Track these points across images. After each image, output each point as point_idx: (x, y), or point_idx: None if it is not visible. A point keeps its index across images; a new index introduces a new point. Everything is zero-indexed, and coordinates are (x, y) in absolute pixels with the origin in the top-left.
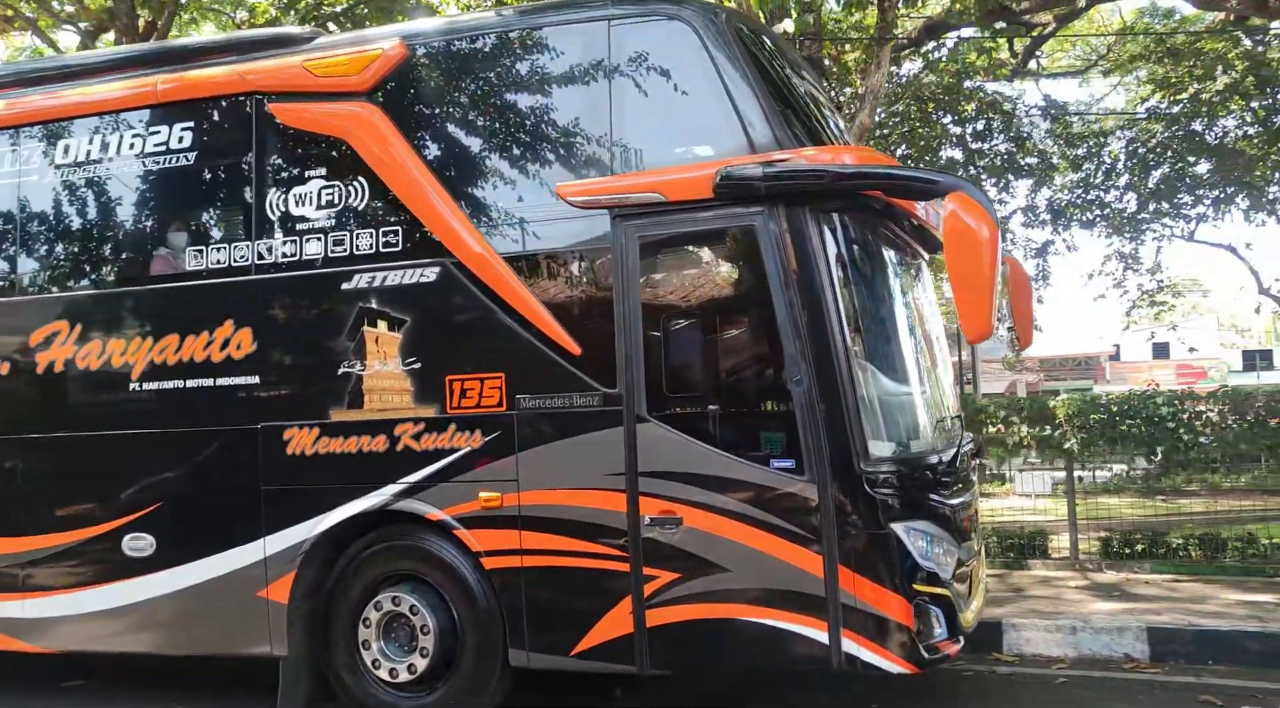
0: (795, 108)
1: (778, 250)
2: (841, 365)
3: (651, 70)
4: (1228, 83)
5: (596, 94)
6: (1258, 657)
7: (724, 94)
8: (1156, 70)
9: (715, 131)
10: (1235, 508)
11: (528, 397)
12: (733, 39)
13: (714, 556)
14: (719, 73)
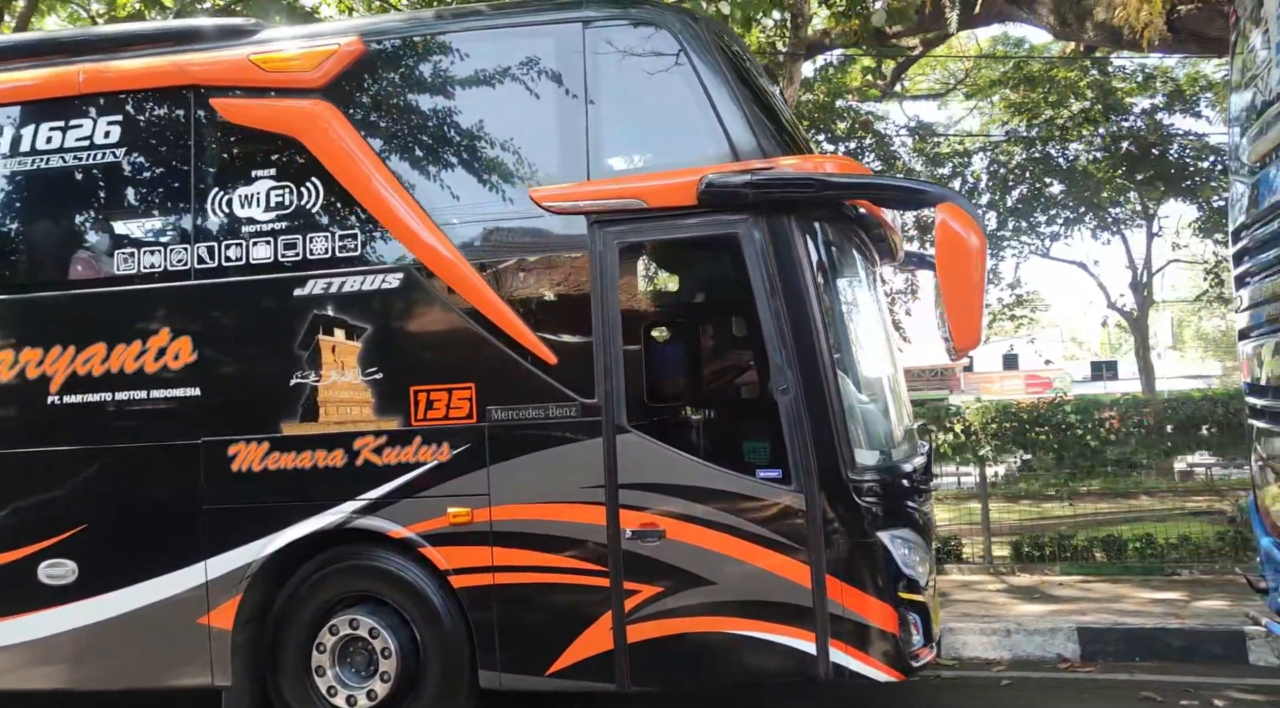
0: (771, 115)
1: (763, 259)
2: (828, 374)
3: (630, 75)
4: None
5: (571, 97)
6: (1180, 652)
7: (706, 100)
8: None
9: (697, 138)
10: (1135, 509)
11: (500, 408)
12: (712, 44)
13: (698, 568)
14: (700, 79)
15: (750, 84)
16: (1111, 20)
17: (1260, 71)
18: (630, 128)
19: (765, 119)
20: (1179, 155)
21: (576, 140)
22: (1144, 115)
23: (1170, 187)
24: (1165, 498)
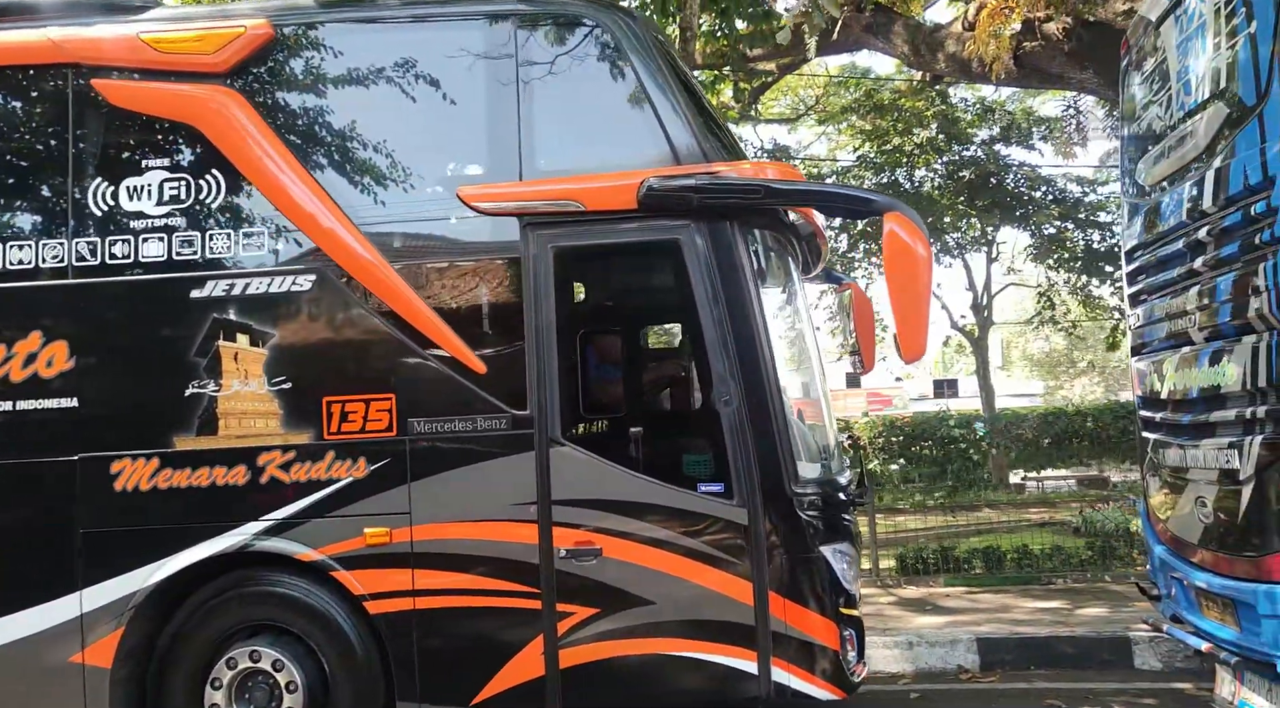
0: (709, 119)
1: (705, 266)
2: (771, 385)
3: (566, 73)
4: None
5: (502, 94)
6: (1072, 659)
7: (646, 102)
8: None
9: (636, 140)
10: (978, 522)
11: (423, 420)
12: (651, 45)
13: (637, 588)
14: (640, 79)
15: (688, 87)
16: (962, 53)
17: (1157, 99)
18: (566, 128)
19: (705, 123)
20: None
21: (508, 139)
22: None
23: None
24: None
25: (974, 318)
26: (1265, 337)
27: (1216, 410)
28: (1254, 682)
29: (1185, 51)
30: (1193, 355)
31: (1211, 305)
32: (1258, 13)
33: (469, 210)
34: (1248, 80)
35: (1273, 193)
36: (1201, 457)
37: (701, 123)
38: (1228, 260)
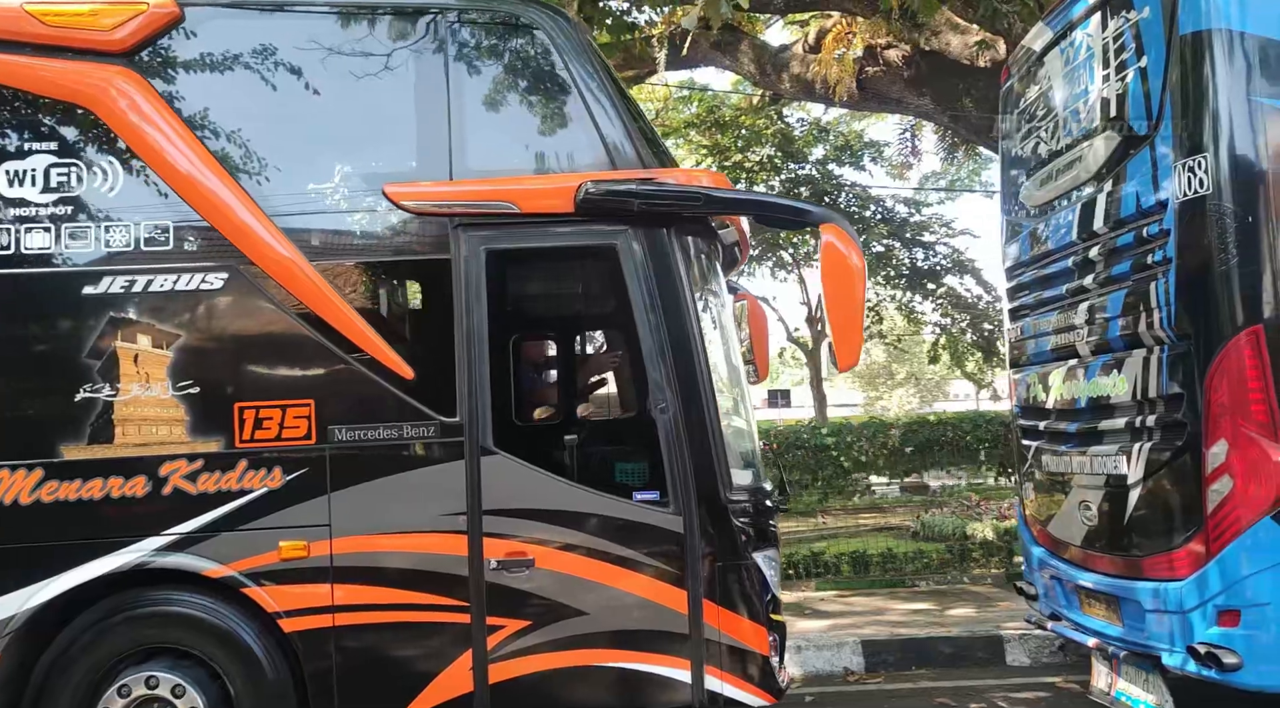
0: (643, 124)
1: (641, 272)
2: (706, 392)
3: (499, 72)
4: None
5: (433, 90)
6: (950, 658)
7: (581, 105)
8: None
9: (572, 143)
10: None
11: (345, 428)
12: (587, 48)
13: (570, 599)
14: (575, 82)
15: (622, 92)
16: (806, 75)
17: (1042, 125)
18: (499, 128)
19: (640, 128)
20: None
21: (438, 136)
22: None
23: None
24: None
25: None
26: (1156, 350)
27: (1105, 419)
28: (1131, 673)
29: (1072, 81)
30: (1081, 368)
31: (1101, 321)
32: (1148, 48)
33: (396, 208)
34: (1139, 111)
35: (1164, 216)
36: (1088, 463)
37: (637, 128)
38: (1118, 278)
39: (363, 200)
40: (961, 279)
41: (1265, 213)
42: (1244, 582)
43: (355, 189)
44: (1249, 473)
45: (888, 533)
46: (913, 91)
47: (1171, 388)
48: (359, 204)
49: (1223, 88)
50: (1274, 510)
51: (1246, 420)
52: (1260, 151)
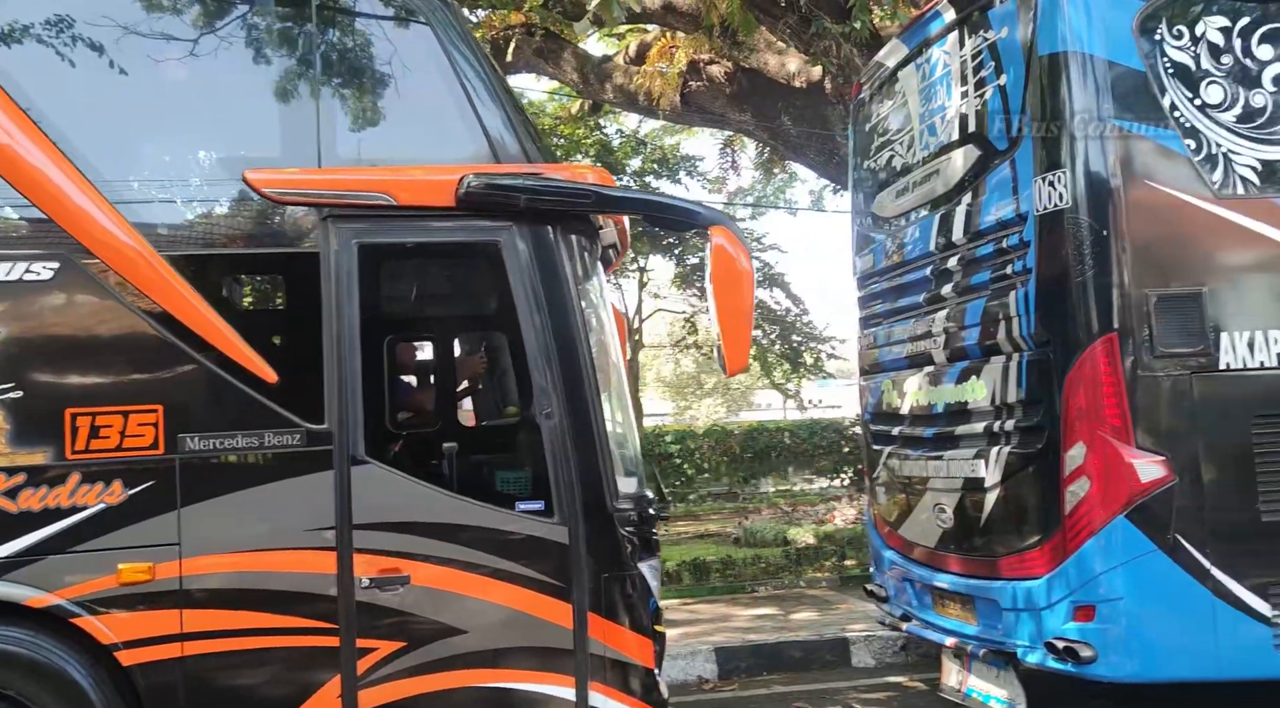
0: (526, 119)
1: (527, 271)
2: (593, 398)
3: (373, 57)
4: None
5: (299, 71)
6: (799, 662)
7: (463, 95)
8: None
9: (454, 135)
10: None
11: (198, 436)
12: (468, 36)
13: (448, 617)
14: (457, 71)
15: (504, 84)
16: (629, 86)
17: (897, 138)
18: (373, 115)
19: (524, 122)
20: None
21: (305, 121)
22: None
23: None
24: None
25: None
26: (1015, 357)
27: (962, 424)
28: (982, 670)
29: (929, 96)
30: (938, 374)
31: (959, 328)
32: (1007, 67)
33: (258, 196)
34: (999, 126)
35: (1024, 228)
36: (945, 467)
37: (523, 122)
38: (977, 288)
39: (221, 187)
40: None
41: (1116, 226)
42: (1099, 578)
43: (213, 174)
44: (1105, 474)
45: (709, 540)
46: (735, 107)
47: (1030, 393)
48: (217, 191)
49: (1078, 107)
50: (1127, 510)
51: (1102, 424)
52: (1112, 168)
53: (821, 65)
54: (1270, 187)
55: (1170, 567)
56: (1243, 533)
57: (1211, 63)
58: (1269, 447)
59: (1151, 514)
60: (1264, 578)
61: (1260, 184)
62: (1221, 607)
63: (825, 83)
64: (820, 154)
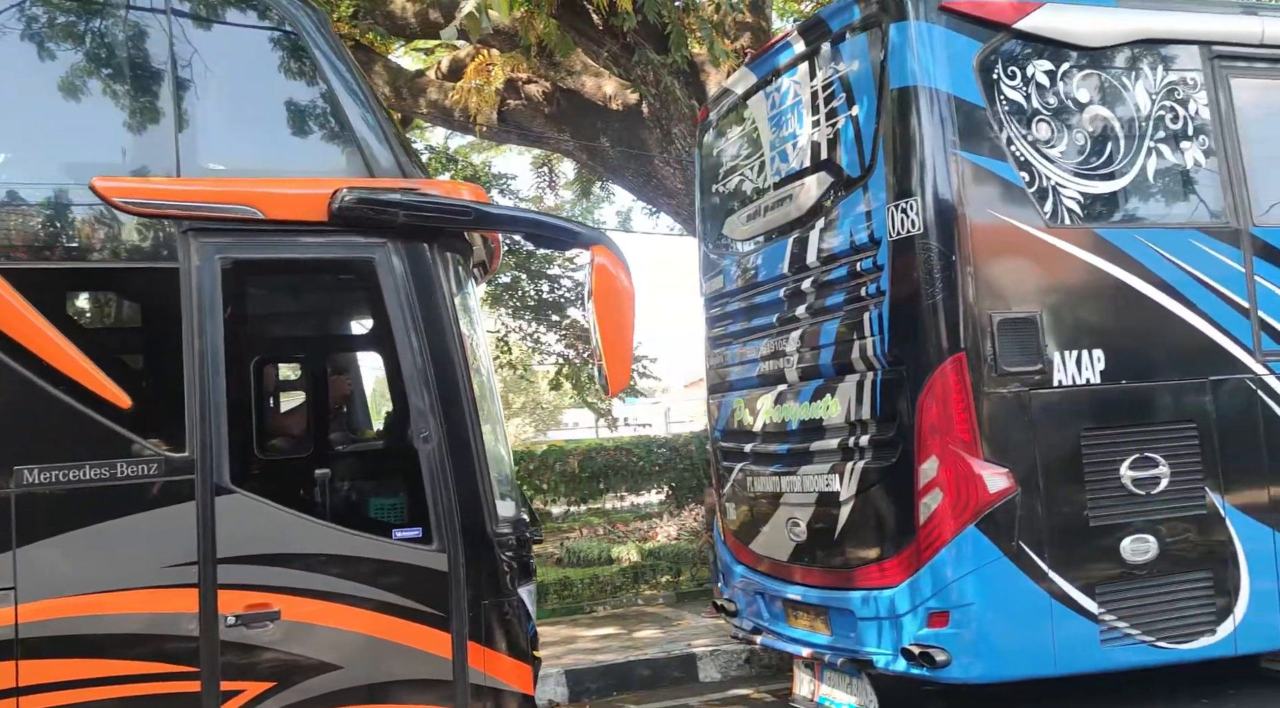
0: (400, 132)
1: (403, 290)
2: (472, 420)
3: (238, 63)
4: None
5: (154, 76)
6: (648, 680)
7: (335, 105)
8: None
9: (326, 147)
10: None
11: (38, 468)
12: (340, 45)
13: (321, 652)
14: (328, 80)
15: (376, 96)
16: (445, 101)
17: (747, 164)
18: (238, 125)
19: (398, 135)
20: None
21: (162, 128)
22: None
23: None
24: None
25: None
26: (869, 375)
27: (817, 440)
28: (834, 678)
29: (779, 124)
30: (792, 392)
31: (813, 348)
32: (859, 98)
33: (108, 207)
34: (851, 155)
35: (878, 252)
36: (799, 482)
37: (395, 134)
38: (832, 309)
39: (67, 195)
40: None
41: (962, 252)
42: (952, 585)
43: (57, 182)
44: (956, 486)
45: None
46: (553, 127)
47: (884, 410)
48: (62, 199)
49: (928, 138)
50: (977, 519)
51: (953, 439)
52: (958, 197)
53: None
54: (1092, 218)
55: (1014, 572)
56: (1074, 537)
57: (1040, 102)
58: (1096, 457)
59: (998, 523)
60: (1092, 578)
61: (1084, 216)
62: (1057, 607)
63: (643, 107)
64: (639, 176)
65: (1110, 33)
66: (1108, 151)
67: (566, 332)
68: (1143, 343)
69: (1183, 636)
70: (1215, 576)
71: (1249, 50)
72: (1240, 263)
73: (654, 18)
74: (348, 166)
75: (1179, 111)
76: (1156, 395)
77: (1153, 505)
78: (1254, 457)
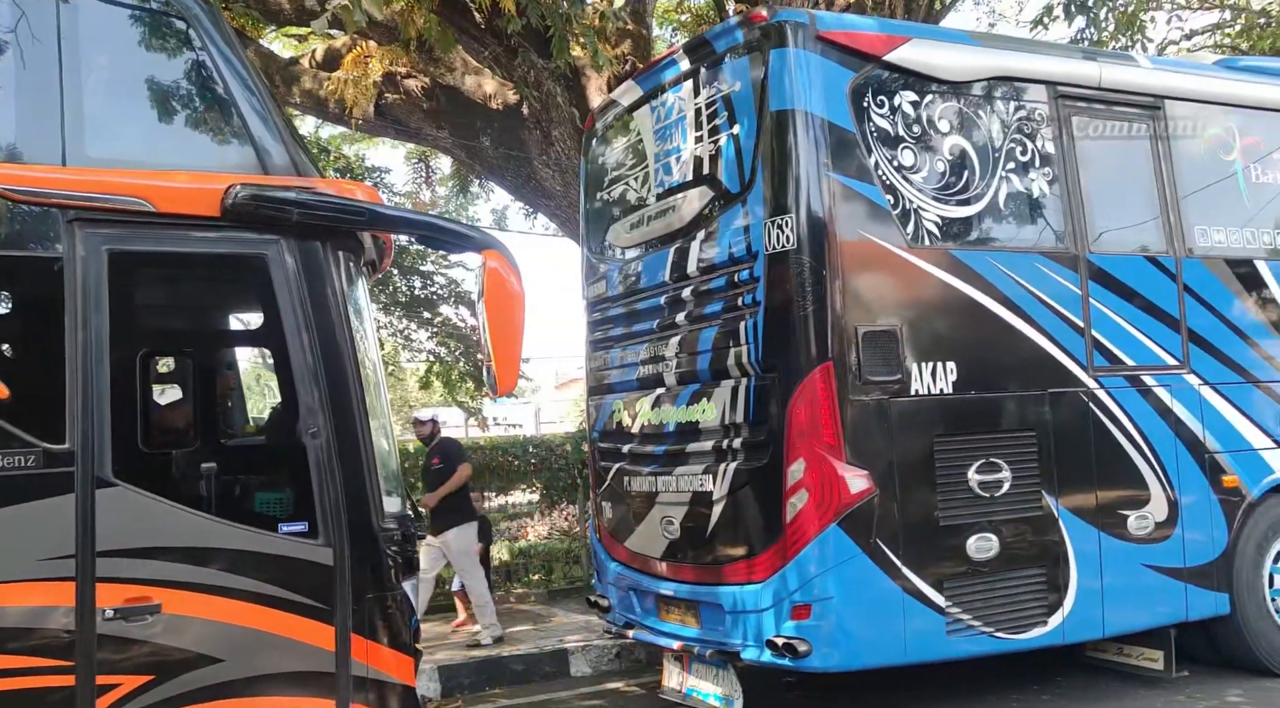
0: (294, 130)
1: (295, 287)
2: (360, 416)
3: (129, 53)
4: None
5: (39, 62)
6: (521, 675)
7: (229, 99)
8: None
9: (220, 142)
10: None
11: None
12: (235, 39)
13: (203, 645)
14: (222, 74)
15: (271, 93)
16: (320, 92)
17: (631, 174)
18: (128, 115)
19: (292, 133)
20: None
21: (47, 115)
22: None
23: None
24: None
25: None
26: (744, 381)
27: (693, 442)
28: (702, 670)
29: (664, 137)
30: (670, 395)
31: (691, 354)
32: (740, 118)
33: None
34: (732, 171)
35: (755, 265)
36: (674, 482)
37: (290, 132)
38: (710, 317)
39: None
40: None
41: (833, 268)
42: (815, 580)
43: None
44: (821, 487)
45: None
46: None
47: (757, 414)
48: None
49: (803, 159)
50: (839, 518)
51: (820, 443)
52: (829, 215)
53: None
54: (948, 240)
55: (871, 568)
56: (926, 535)
57: (905, 130)
58: (947, 461)
59: (858, 522)
60: (941, 574)
61: (941, 237)
62: (909, 601)
63: (524, 107)
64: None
65: (969, 68)
66: (964, 178)
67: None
68: (991, 357)
69: (1019, 627)
70: (1049, 571)
71: (1088, 92)
72: (1077, 286)
73: (537, 21)
74: (242, 162)
75: (1028, 145)
76: (1002, 405)
77: (996, 507)
78: (1084, 464)
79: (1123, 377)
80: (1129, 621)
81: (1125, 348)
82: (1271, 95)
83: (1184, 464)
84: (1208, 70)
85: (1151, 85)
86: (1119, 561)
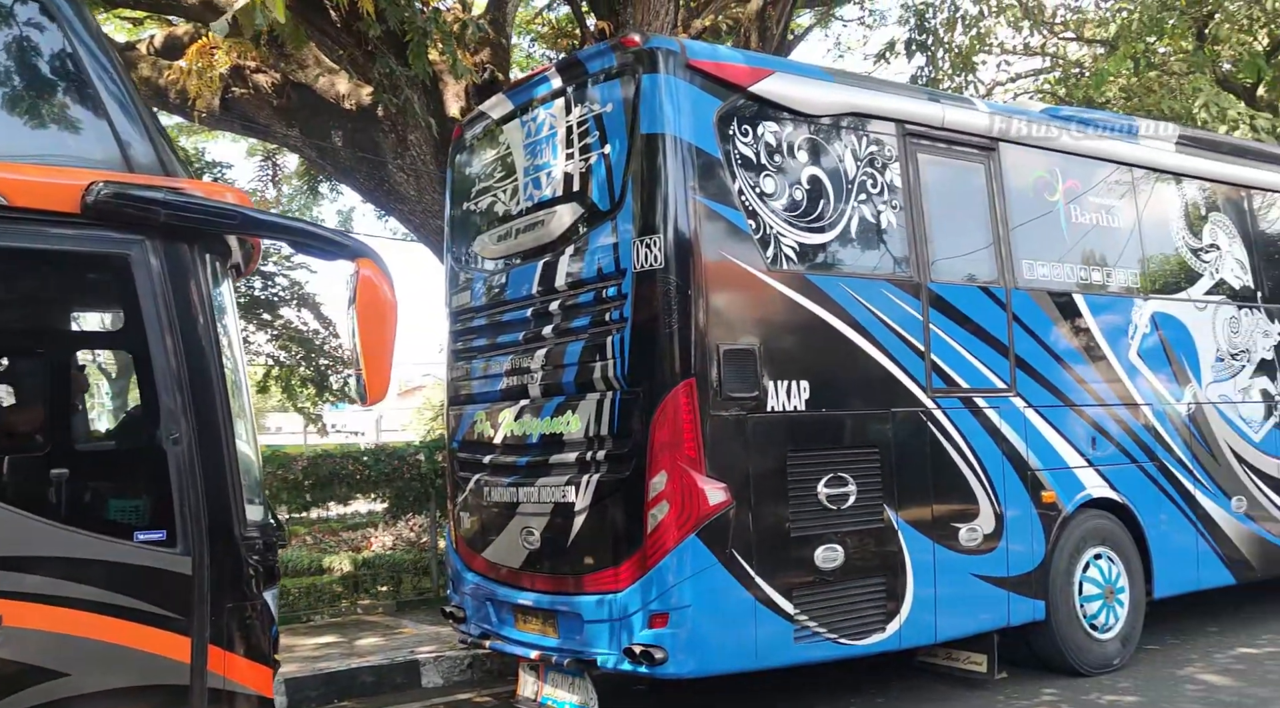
0: (162, 129)
1: (159, 289)
2: (224, 422)
3: None
4: None
5: None
6: (371, 687)
7: (92, 91)
8: None
9: (80, 136)
10: None
11: None
12: (99, 30)
13: (46, 660)
14: (84, 65)
15: (136, 88)
16: (160, 80)
17: (500, 187)
18: None
19: (160, 132)
20: None
21: None
22: None
23: None
24: None
25: None
26: (609, 395)
27: (556, 454)
28: (557, 679)
29: (534, 152)
30: (534, 407)
31: (557, 366)
32: (611, 138)
33: None
34: (602, 189)
35: (623, 281)
36: (535, 493)
37: (158, 130)
38: (577, 330)
39: None
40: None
41: (697, 287)
42: (673, 589)
43: None
44: (681, 499)
45: None
46: (281, 120)
47: (621, 427)
48: None
49: (671, 182)
50: (698, 529)
51: (681, 456)
52: (695, 236)
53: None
54: (804, 264)
55: (726, 577)
56: (778, 546)
57: (767, 158)
58: (798, 475)
59: (715, 533)
60: (790, 583)
61: (798, 261)
62: (760, 609)
63: (378, 109)
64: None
65: (825, 103)
66: (820, 207)
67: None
68: (840, 377)
69: (860, 633)
70: (888, 581)
71: (932, 131)
72: (919, 312)
73: (396, 26)
74: (104, 158)
75: (878, 178)
76: (849, 423)
77: (842, 519)
78: (922, 479)
79: (958, 398)
80: (959, 627)
81: (960, 371)
82: (1088, 143)
83: (1009, 481)
84: (1036, 117)
85: (988, 127)
86: (951, 570)
